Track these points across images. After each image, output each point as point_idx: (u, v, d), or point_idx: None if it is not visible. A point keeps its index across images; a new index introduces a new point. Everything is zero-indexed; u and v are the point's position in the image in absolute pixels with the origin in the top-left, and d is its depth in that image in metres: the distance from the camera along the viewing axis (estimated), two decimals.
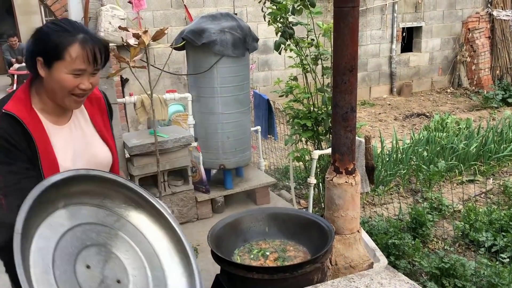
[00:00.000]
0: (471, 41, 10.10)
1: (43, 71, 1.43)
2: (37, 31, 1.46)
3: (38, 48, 1.43)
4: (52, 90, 1.45)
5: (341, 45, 2.06)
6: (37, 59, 1.42)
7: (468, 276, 2.74)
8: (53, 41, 1.41)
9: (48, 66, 1.42)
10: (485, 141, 5.56)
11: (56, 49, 1.40)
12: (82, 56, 1.42)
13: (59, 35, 1.42)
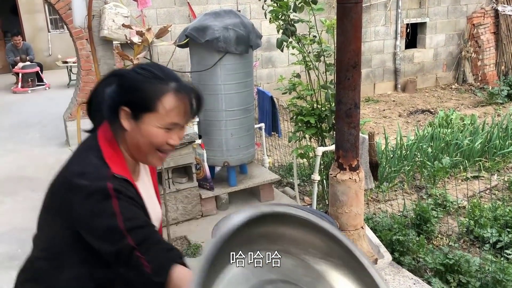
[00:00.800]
0: (476, 36, 10.04)
1: (128, 124, 1.23)
2: (122, 77, 1.25)
3: (124, 97, 1.22)
4: (136, 145, 1.25)
5: (344, 42, 2.06)
6: (122, 109, 1.22)
7: (473, 272, 2.74)
8: (143, 90, 1.21)
9: (136, 118, 1.22)
10: (490, 137, 5.54)
11: (147, 99, 1.20)
12: (177, 108, 1.22)
13: (150, 82, 1.22)
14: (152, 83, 1.22)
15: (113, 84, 1.25)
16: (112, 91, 1.24)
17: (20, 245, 3.58)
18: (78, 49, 5.88)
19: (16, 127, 7.09)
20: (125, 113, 1.22)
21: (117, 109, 1.23)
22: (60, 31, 13.07)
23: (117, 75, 1.28)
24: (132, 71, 1.26)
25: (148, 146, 1.25)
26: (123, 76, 1.25)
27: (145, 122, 1.22)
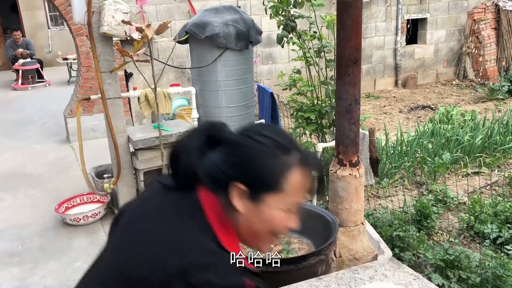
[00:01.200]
0: (477, 32, 10.01)
1: (242, 204, 0.96)
2: (236, 145, 0.98)
3: (239, 172, 0.96)
4: (251, 229, 0.99)
5: (344, 37, 2.06)
6: (235, 185, 0.96)
7: (473, 268, 2.74)
8: (267, 165, 0.96)
9: (254, 199, 0.97)
10: (491, 133, 5.53)
11: (271, 177, 0.96)
12: (303, 184, 1.00)
13: (274, 155, 0.97)
14: (276, 155, 0.97)
15: (220, 149, 0.98)
16: (221, 160, 0.97)
17: (20, 241, 3.59)
18: (78, 45, 5.87)
19: (16, 124, 7.09)
20: (240, 191, 0.96)
21: (227, 182, 0.96)
22: (60, 27, 13.05)
23: (227, 141, 0.99)
24: (250, 139, 0.99)
25: (267, 231, 1.00)
26: (239, 145, 0.98)
27: (266, 203, 0.97)
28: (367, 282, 1.74)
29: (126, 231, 1.03)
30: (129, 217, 1.06)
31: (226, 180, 0.96)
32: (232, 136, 1.01)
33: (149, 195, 1.09)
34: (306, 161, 1.00)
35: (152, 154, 3.55)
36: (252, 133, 1.00)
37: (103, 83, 3.41)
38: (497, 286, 2.64)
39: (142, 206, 1.07)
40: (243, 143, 0.98)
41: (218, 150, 0.99)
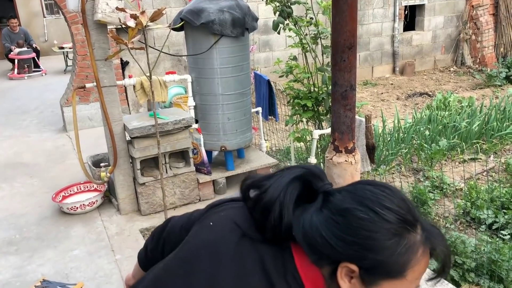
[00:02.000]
0: (475, 18, 9.95)
1: (349, 286, 0.82)
2: (354, 219, 0.81)
3: (352, 251, 0.80)
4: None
5: (340, 22, 2.04)
6: (346, 266, 0.81)
7: (469, 253, 2.76)
8: (391, 249, 0.79)
9: (367, 282, 0.81)
10: (488, 119, 5.54)
11: (394, 264, 0.80)
12: (426, 267, 0.85)
13: (400, 236, 0.80)
14: (402, 235, 0.80)
15: (325, 214, 0.83)
16: (329, 230, 0.81)
17: (17, 231, 3.59)
18: (73, 34, 5.82)
19: (13, 113, 7.06)
20: (349, 271, 0.82)
21: (333, 259, 0.82)
22: (55, 16, 12.93)
23: (338, 207, 0.83)
24: (370, 211, 0.81)
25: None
26: (356, 218, 0.81)
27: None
28: None
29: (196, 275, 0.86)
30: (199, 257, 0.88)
31: (332, 256, 0.81)
32: (346, 202, 0.83)
33: (223, 235, 0.89)
34: (431, 239, 0.83)
35: (148, 143, 3.54)
36: (373, 204, 0.81)
37: (98, 71, 3.39)
38: (492, 271, 2.66)
39: (217, 252, 0.87)
40: (363, 217, 0.80)
41: (322, 214, 0.82)
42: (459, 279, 2.65)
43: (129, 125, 3.50)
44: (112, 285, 2.85)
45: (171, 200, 3.75)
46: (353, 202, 0.82)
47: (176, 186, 3.76)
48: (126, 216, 3.71)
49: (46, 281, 2.60)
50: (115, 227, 3.57)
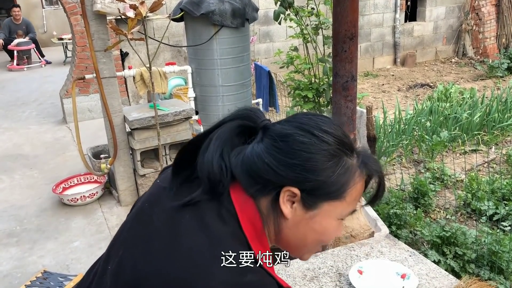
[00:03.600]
0: (477, 9, 9.88)
1: (291, 210, 0.82)
2: (293, 141, 0.81)
3: (295, 173, 0.80)
4: (298, 238, 0.86)
5: (341, 12, 2.01)
6: (288, 189, 0.81)
7: (469, 244, 2.75)
8: (331, 169, 0.81)
9: (309, 205, 0.83)
10: (489, 111, 5.51)
11: (335, 184, 0.82)
12: (361, 192, 0.88)
13: (339, 157, 0.82)
14: (341, 157, 0.83)
15: (266, 143, 0.82)
16: (270, 156, 0.81)
17: (18, 222, 3.59)
18: (72, 25, 5.78)
19: (12, 105, 7.04)
20: (292, 196, 0.82)
21: (275, 186, 0.81)
22: (54, 7, 12.86)
23: (278, 134, 0.83)
24: (310, 134, 0.82)
25: (315, 241, 0.87)
26: (297, 142, 0.81)
27: (322, 212, 0.83)
28: (363, 259, 1.74)
29: (141, 241, 0.84)
30: (145, 222, 0.86)
31: (275, 181, 0.80)
32: (286, 128, 0.83)
33: (166, 196, 0.87)
34: (366, 163, 0.86)
35: (148, 134, 3.53)
36: (312, 128, 0.82)
37: (98, 62, 3.37)
38: (493, 262, 2.66)
39: (159, 212, 0.85)
40: (303, 140, 0.81)
41: (263, 142, 0.82)
42: (459, 270, 2.65)
43: (129, 117, 3.49)
44: None
45: None
46: (293, 128, 0.83)
47: None
48: (126, 207, 3.71)
49: (47, 272, 2.61)
50: (115, 218, 3.57)
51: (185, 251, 0.76)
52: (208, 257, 0.74)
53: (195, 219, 0.79)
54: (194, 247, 0.76)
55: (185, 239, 0.77)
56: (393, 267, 1.62)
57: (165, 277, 0.75)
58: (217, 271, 0.73)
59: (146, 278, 0.77)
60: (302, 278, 1.63)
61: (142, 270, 0.78)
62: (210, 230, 0.78)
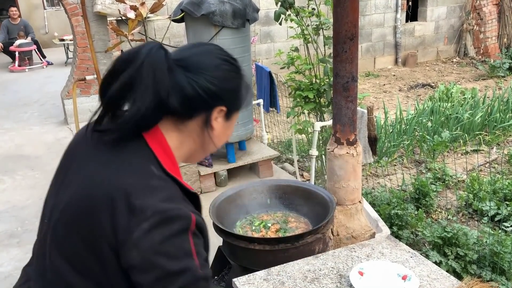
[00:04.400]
0: (478, 8, 9.86)
1: (217, 123, 1.04)
2: (219, 69, 1.02)
3: (226, 94, 1.02)
4: (207, 145, 1.07)
5: (341, 12, 2.01)
6: (219, 108, 1.02)
7: (471, 245, 2.75)
8: (241, 86, 1.07)
9: (228, 117, 1.06)
10: (491, 111, 5.50)
11: (242, 98, 1.08)
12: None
13: (240, 77, 1.07)
14: (240, 77, 1.07)
15: (184, 72, 0.97)
16: (211, 85, 0.99)
17: (19, 223, 3.60)
18: (73, 26, 5.78)
19: (14, 106, 7.05)
20: (220, 111, 1.03)
21: (211, 107, 1.01)
22: (56, 8, 12.88)
23: (200, 66, 0.99)
24: (224, 62, 1.04)
25: (220, 143, 1.10)
26: (219, 69, 1.02)
27: (231, 121, 1.08)
28: (364, 260, 1.74)
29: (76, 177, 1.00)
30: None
31: (210, 103, 1.01)
32: (204, 60, 1.02)
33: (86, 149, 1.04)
34: (247, 86, 1.11)
35: None
36: (221, 57, 1.04)
37: (98, 63, 3.37)
38: (494, 263, 2.65)
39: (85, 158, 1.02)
40: (225, 68, 1.03)
41: (187, 74, 0.98)
42: (461, 271, 2.65)
43: None
44: None
45: None
46: (215, 59, 1.03)
47: None
48: None
49: None
50: None
51: (107, 172, 0.94)
52: (126, 170, 0.93)
53: (114, 149, 0.97)
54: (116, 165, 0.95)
55: (112, 167, 0.95)
56: (394, 269, 1.61)
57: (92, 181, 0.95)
58: (129, 176, 0.92)
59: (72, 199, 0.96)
60: (303, 279, 1.63)
61: (76, 192, 0.96)
62: (125, 154, 0.96)
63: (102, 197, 0.91)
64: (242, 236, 1.97)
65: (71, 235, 0.95)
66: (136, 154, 0.96)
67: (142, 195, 0.89)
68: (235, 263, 2.00)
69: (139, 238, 0.87)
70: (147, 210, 0.88)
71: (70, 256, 0.96)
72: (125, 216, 0.88)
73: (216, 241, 2.61)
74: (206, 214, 2.46)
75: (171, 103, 0.95)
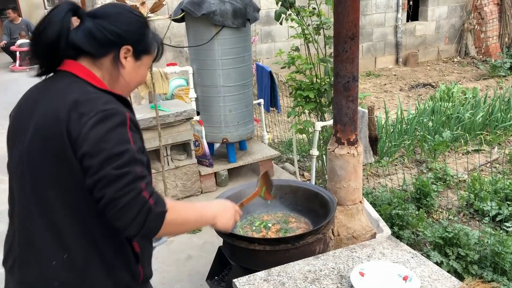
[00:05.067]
0: (479, 8, 9.85)
1: (126, 62, 1.28)
2: (124, 14, 1.27)
3: (131, 36, 1.26)
4: (127, 82, 1.32)
5: (342, 12, 2.01)
6: (126, 47, 1.26)
7: (472, 245, 2.74)
8: (148, 33, 1.32)
9: (137, 58, 1.30)
10: (492, 110, 5.49)
11: (150, 42, 1.32)
12: (156, 51, 1.38)
13: (149, 27, 1.33)
14: (148, 27, 1.33)
15: (98, 21, 1.23)
16: (115, 27, 1.24)
17: None
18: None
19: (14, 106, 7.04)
20: (127, 51, 1.27)
21: (117, 46, 1.25)
22: None
23: (105, 14, 1.25)
24: (132, 13, 1.30)
25: (135, 83, 1.36)
26: (123, 17, 1.27)
27: (143, 62, 1.33)
28: (364, 261, 1.73)
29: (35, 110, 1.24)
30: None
31: (115, 42, 1.24)
32: (109, 10, 1.27)
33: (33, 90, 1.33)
34: (154, 35, 1.36)
35: (149, 135, 3.52)
36: (126, 9, 1.30)
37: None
38: (496, 263, 2.65)
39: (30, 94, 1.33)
40: (128, 13, 1.28)
41: (95, 20, 1.23)
42: (462, 272, 2.64)
43: None
44: None
45: (173, 193, 3.74)
46: (118, 9, 1.29)
47: (178, 178, 3.75)
48: None
49: None
50: None
51: (54, 98, 1.21)
52: (70, 92, 1.19)
53: (51, 85, 1.26)
54: (57, 93, 1.21)
55: (56, 94, 1.21)
56: (395, 269, 1.61)
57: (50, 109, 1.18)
58: (74, 95, 1.17)
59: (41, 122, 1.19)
60: (303, 280, 1.62)
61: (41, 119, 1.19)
62: (64, 85, 1.22)
63: (59, 114, 1.15)
64: (242, 236, 1.96)
65: (43, 159, 1.18)
66: (72, 83, 1.22)
67: (86, 104, 1.15)
68: (236, 264, 2.00)
69: (87, 132, 1.11)
70: (91, 111, 1.13)
71: (47, 181, 1.18)
72: (76, 121, 1.13)
73: (216, 241, 2.61)
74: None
75: (81, 43, 1.22)
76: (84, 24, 1.23)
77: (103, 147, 1.10)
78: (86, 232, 1.20)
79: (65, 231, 1.19)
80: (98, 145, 1.10)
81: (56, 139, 1.14)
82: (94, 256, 1.21)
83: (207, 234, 3.25)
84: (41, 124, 1.18)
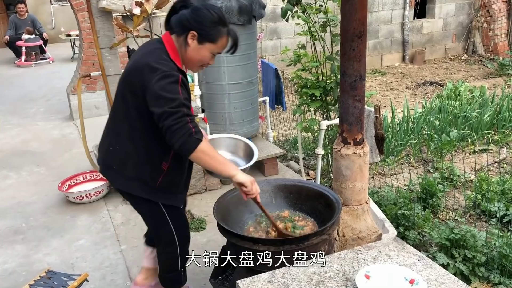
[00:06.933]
0: (487, 5, 9.75)
1: (191, 42, 1.86)
2: (201, 11, 1.84)
3: (198, 26, 1.84)
4: (190, 58, 1.91)
5: (350, 10, 1.97)
6: (192, 32, 1.84)
7: (479, 247, 2.70)
8: (213, 28, 1.85)
9: (199, 42, 1.86)
10: (500, 110, 5.43)
11: (214, 35, 1.86)
12: (225, 45, 1.92)
13: (219, 24, 1.86)
14: (219, 24, 1.87)
15: (189, 10, 1.85)
16: (190, 17, 1.84)
17: (24, 219, 3.59)
18: (79, 21, 5.77)
19: (20, 101, 7.06)
20: (193, 36, 1.86)
21: (188, 30, 1.84)
22: (62, 3, 12.88)
23: (195, 8, 1.85)
24: (210, 10, 1.86)
25: (198, 61, 1.94)
26: (202, 11, 1.84)
27: (204, 47, 1.89)
28: (370, 263, 1.71)
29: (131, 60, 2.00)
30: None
31: (188, 28, 1.85)
32: (196, 5, 1.87)
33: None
34: (230, 33, 1.93)
35: None
36: (210, 8, 1.88)
37: (103, 60, 3.35)
38: (503, 266, 2.61)
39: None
40: (204, 11, 1.85)
41: (187, 10, 1.86)
42: (469, 274, 2.60)
43: None
44: (117, 275, 2.84)
45: None
46: (203, 7, 1.88)
47: None
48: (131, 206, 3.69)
49: (50, 271, 2.59)
50: (120, 217, 3.56)
51: (143, 54, 1.91)
52: (152, 56, 1.86)
53: (149, 45, 1.98)
54: (146, 52, 1.91)
55: (146, 52, 1.91)
56: (401, 272, 1.58)
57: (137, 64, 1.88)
58: (151, 57, 1.85)
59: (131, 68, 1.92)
60: (308, 282, 1.60)
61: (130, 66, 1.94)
62: (153, 48, 1.91)
63: (138, 66, 1.85)
64: (246, 237, 1.94)
65: (125, 86, 1.93)
66: (156, 49, 1.89)
67: (157, 64, 1.81)
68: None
69: (154, 83, 1.77)
70: (158, 70, 1.79)
71: (123, 96, 1.94)
72: (148, 73, 1.80)
73: (220, 239, 2.59)
74: (211, 213, 2.45)
75: (173, 24, 1.90)
76: (181, 11, 1.87)
77: (163, 95, 1.76)
78: (145, 140, 1.97)
79: (135, 134, 1.97)
80: (159, 93, 1.76)
81: (134, 82, 1.85)
82: (142, 153, 1.98)
83: (211, 233, 3.23)
84: (130, 69, 1.90)
